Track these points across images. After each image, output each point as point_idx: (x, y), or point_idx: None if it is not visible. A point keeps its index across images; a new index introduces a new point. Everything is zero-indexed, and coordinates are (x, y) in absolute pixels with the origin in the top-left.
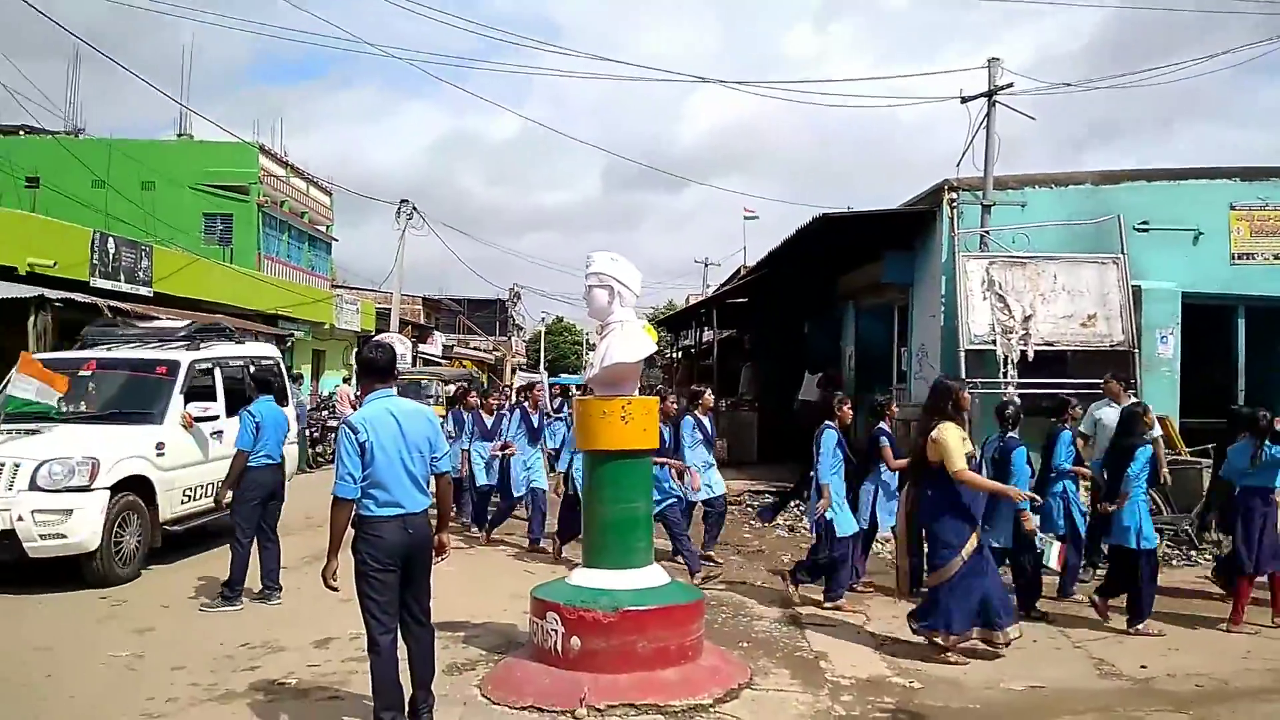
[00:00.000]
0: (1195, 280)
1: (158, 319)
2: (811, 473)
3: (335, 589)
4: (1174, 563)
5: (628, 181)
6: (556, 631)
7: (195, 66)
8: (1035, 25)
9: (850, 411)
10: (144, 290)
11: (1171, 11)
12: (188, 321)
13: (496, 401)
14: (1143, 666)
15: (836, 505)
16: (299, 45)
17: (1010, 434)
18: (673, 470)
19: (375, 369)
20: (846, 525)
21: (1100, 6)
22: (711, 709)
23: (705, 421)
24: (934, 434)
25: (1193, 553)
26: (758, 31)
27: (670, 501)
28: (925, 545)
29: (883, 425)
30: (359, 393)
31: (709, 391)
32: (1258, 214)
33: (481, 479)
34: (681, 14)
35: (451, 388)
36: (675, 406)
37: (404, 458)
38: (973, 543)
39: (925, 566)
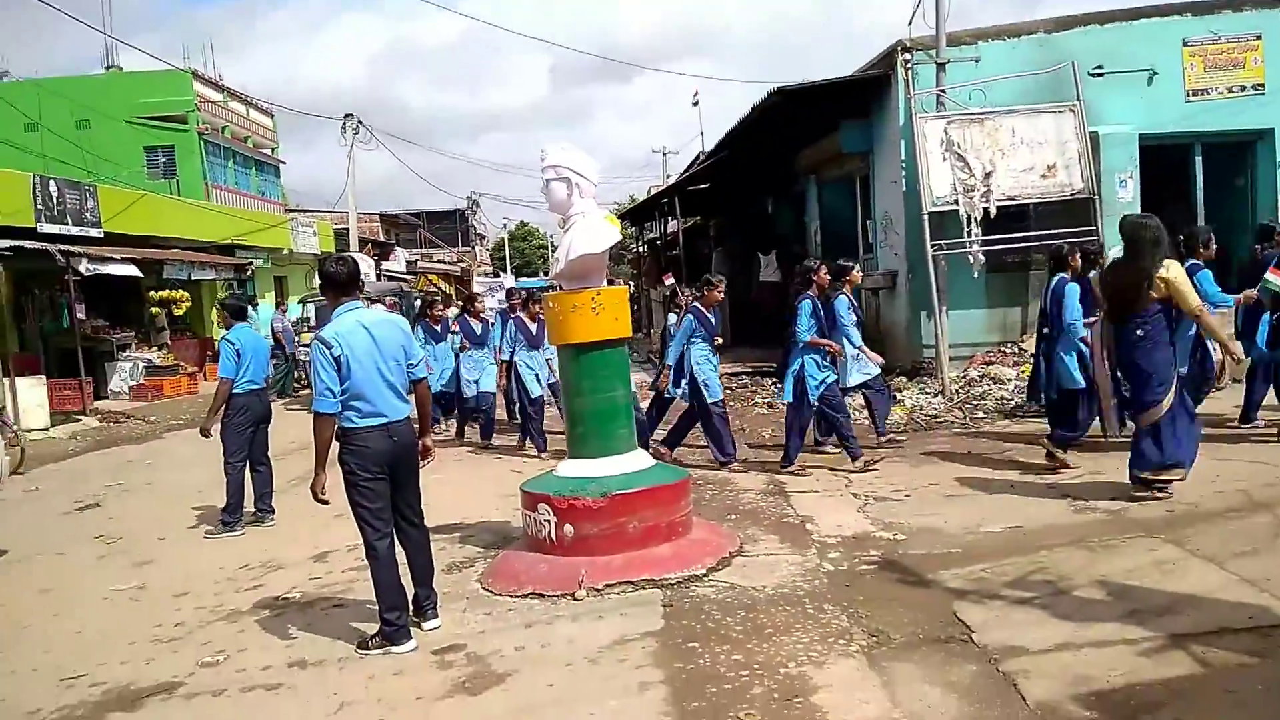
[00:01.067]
0: (1152, 121)
1: None
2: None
3: (326, 502)
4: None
5: (578, 75)
6: (549, 522)
7: None
8: None
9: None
10: (94, 232)
11: None
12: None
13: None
14: (1113, 499)
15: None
16: None
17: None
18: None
19: (338, 282)
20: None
21: None
22: (705, 578)
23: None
24: (1166, 273)
25: None
26: None
27: (829, 383)
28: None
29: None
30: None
31: (857, 269)
32: (1210, 48)
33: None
34: None
35: (380, 307)
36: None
37: (380, 367)
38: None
39: (1129, 406)
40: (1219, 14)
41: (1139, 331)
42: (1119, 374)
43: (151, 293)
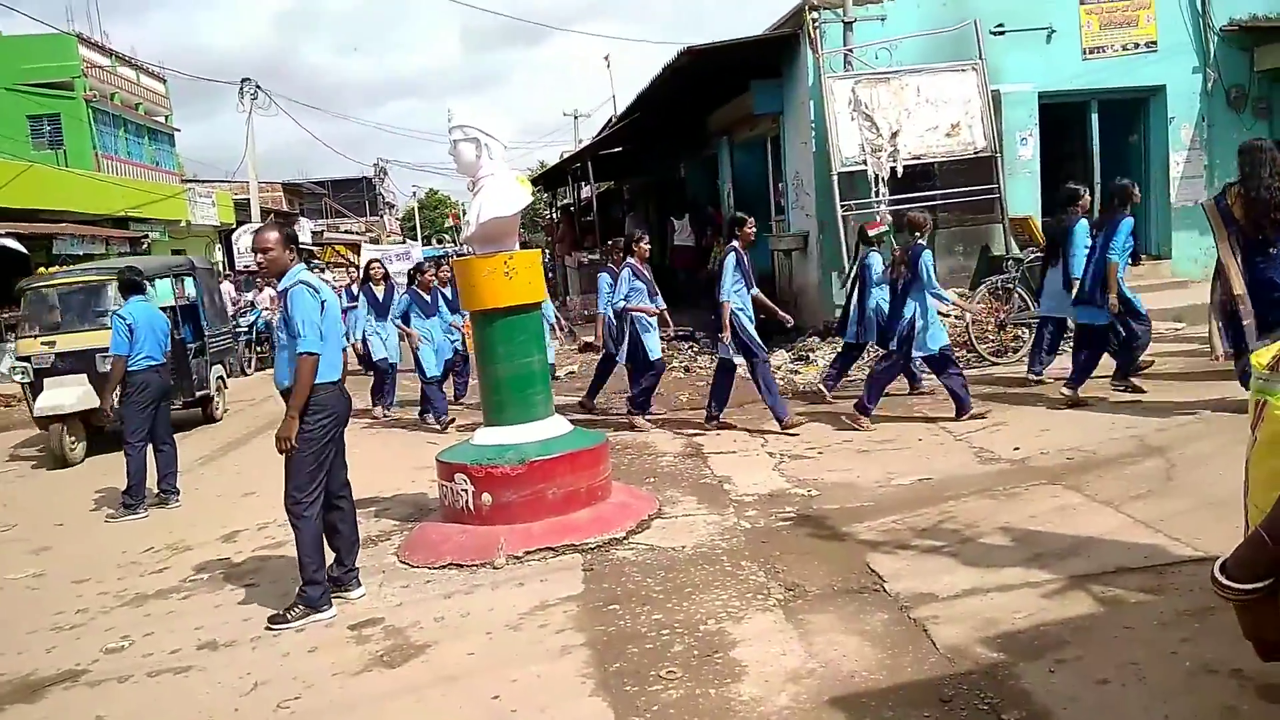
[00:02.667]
0: (1050, 79)
1: None
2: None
3: (295, 448)
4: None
5: (489, 38)
6: (466, 491)
7: None
8: None
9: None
10: None
11: None
12: None
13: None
14: (1016, 449)
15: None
16: None
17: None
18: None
19: (297, 240)
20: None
21: None
22: (625, 540)
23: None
24: None
25: (1059, 344)
26: None
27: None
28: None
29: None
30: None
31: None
32: (1105, 6)
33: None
34: None
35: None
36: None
37: (337, 326)
38: None
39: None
40: None
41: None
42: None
43: (40, 269)
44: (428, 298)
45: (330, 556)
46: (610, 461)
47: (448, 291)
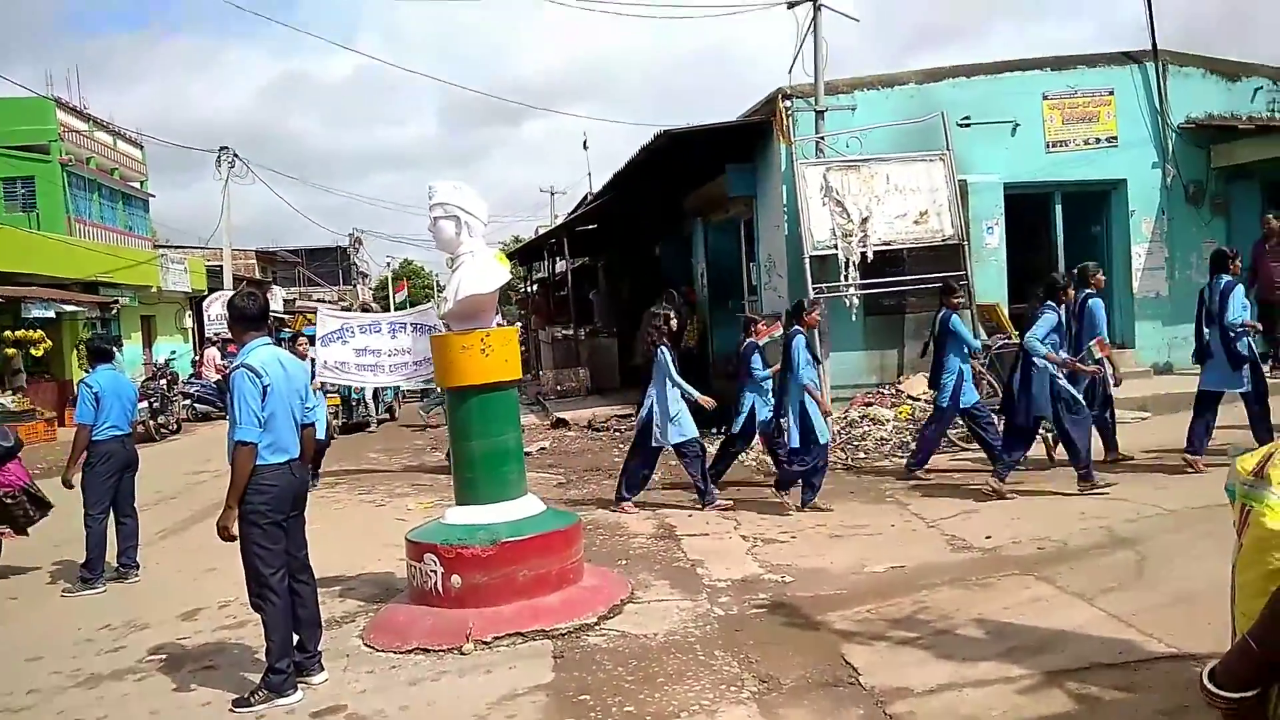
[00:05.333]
0: (1015, 170)
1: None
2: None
3: (235, 538)
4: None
5: (470, 115)
6: (436, 572)
7: None
8: None
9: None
10: None
11: None
12: None
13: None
14: (988, 537)
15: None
16: None
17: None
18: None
19: (248, 317)
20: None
21: None
22: (596, 626)
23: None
24: None
25: None
26: None
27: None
28: None
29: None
30: (230, 352)
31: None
32: (1068, 102)
33: None
34: None
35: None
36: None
37: (289, 405)
38: None
39: None
40: (1076, 69)
41: None
42: None
43: (7, 333)
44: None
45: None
46: (582, 542)
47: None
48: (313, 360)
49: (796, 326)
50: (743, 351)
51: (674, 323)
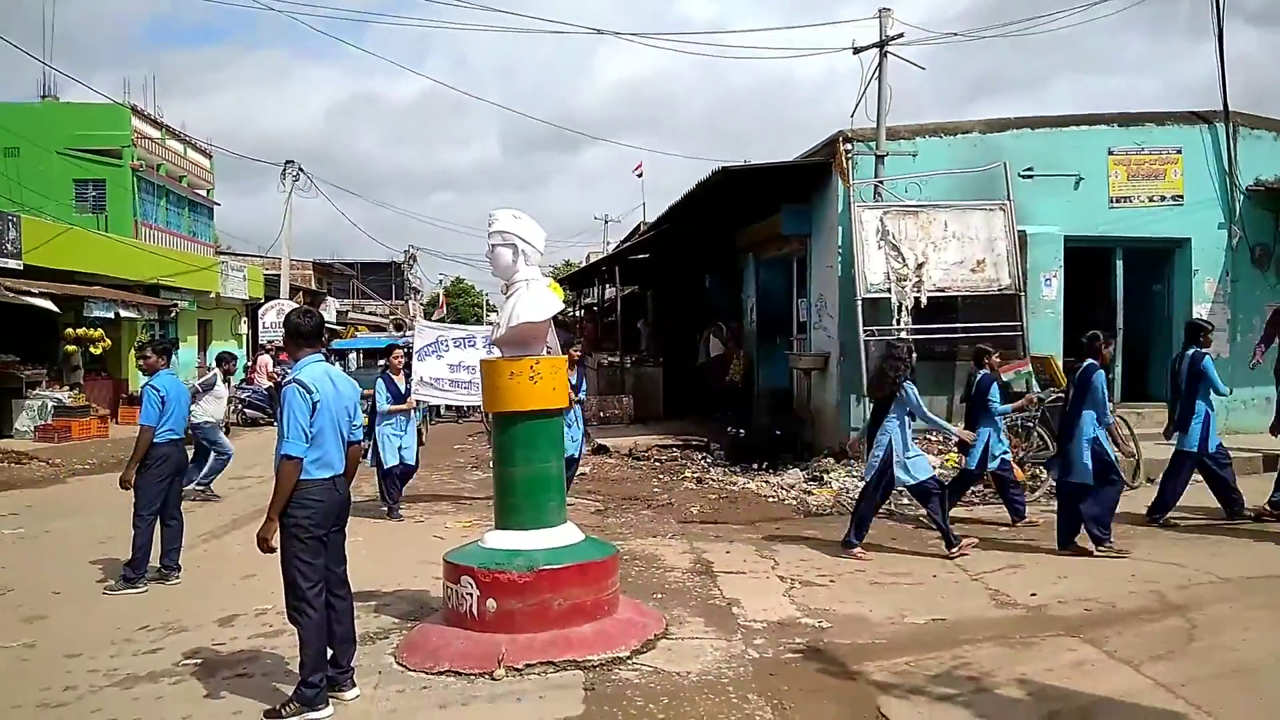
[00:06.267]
0: (1076, 224)
1: None
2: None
3: (274, 550)
4: None
5: (530, 141)
6: (471, 595)
7: (86, 29)
8: None
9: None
10: (13, 264)
11: None
12: None
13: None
14: (1033, 594)
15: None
16: (184, 6)
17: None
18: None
19: (303, 334)
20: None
21: None
22: (629, 660)
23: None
24: None
25: None
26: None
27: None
28: None
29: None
30: (282, 359)
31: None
32: (1134, 158)
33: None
34: None
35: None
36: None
37: (338, 421)
38: None
39: None
40: (1143, 126)
41: None
42: None
43: (68, 330)
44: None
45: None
46: (619, 574)
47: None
48: (407, 375)
49: (1092, 361)
50: (979, 383)
51: (914, 354)
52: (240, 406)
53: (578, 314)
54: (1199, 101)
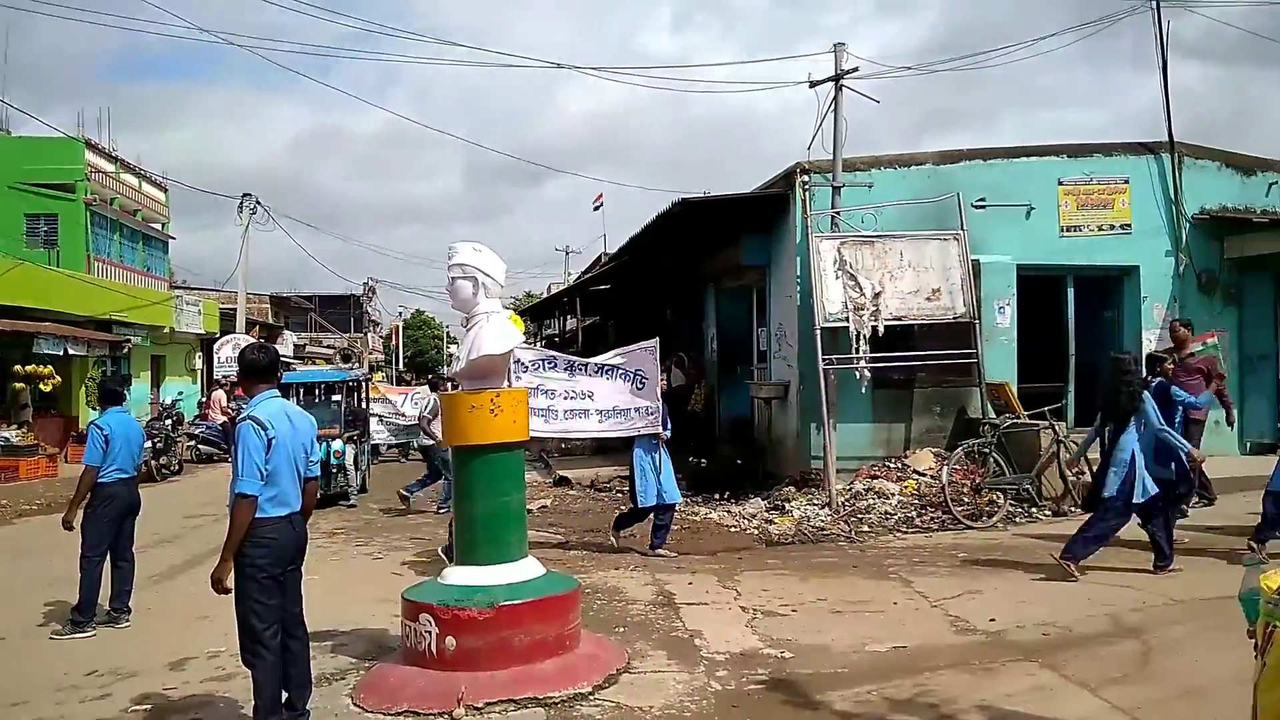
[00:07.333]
0: (1029, 252)
1: None
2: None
3: (229, 590)
4: (1017, 519)
5: (491, 173)
6: (431, 633)
7: (41, 64)
8: (882, 28)
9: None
10: None
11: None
12: None
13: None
14: (992, 620)
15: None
16: (145, 42)
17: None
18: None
19: (258, 370)
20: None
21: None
22: (591, 696)
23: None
24: None
25: (1033, 510)
26: (623, 32)
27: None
28: None
29: (1159, 379)
30: (236, 395)
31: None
32: (1083, 188)
33: None
34: (542, 17)
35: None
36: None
37: (294, 458)
38: None
39: None
40: (1092, 157)
41: None
42: None
43: (16, 367)
44: None
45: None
46: (580, 609)
47: None
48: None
49: (1161, 380)
50: (1156, 390)
51: (1139, 364)
52: (195, 443)
53: (539, 346)
54: (1144, 132)
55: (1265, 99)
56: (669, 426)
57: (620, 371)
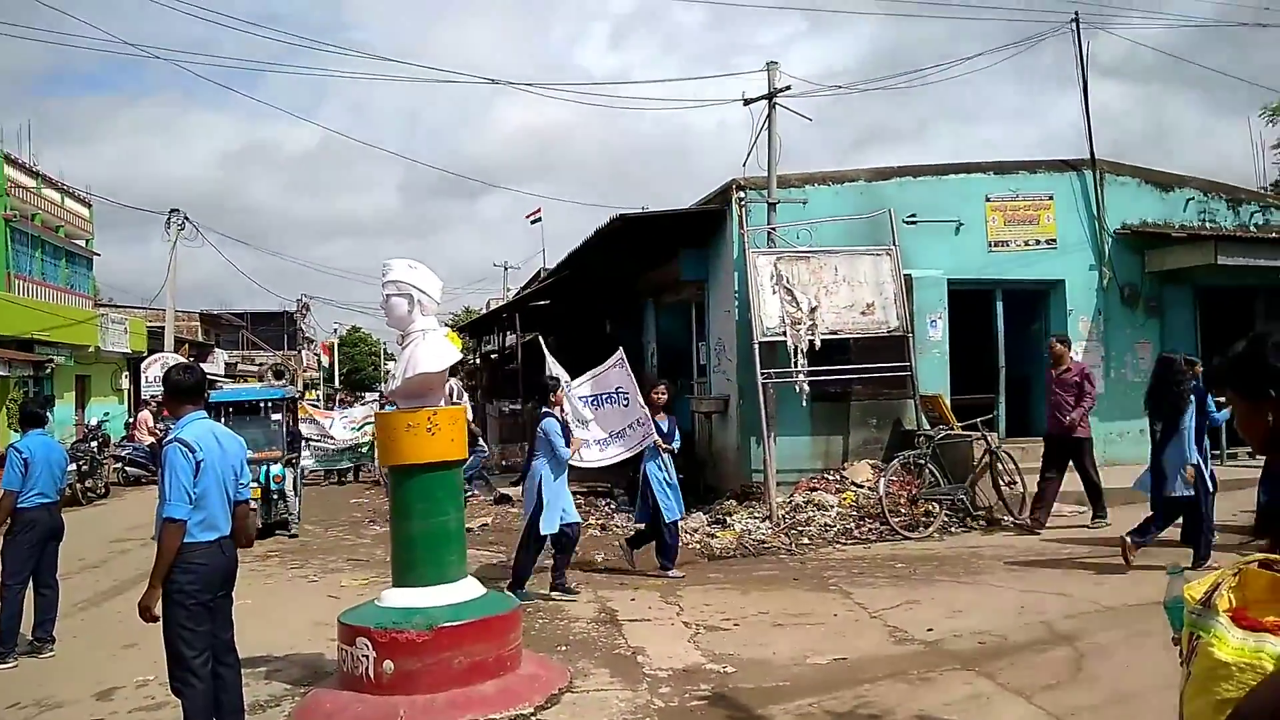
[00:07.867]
0: (959, 267)
1: None
2: None
3: (157, 618)
4: (952, 529)
5: (428, 188)
6: (368, 656)
7: None
8: (815, 47)
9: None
10: None
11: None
12: None
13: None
14: (929, 630)
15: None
16: (69, 55)
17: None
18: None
19: (183, 390)
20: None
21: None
22: (533, 717)
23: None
24: None
25: (968, 519)
26: (560, 49)
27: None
28: None
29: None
30: (164, 415)
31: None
32: (1010, 204)
33: None
34: (480, 27)
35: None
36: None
37: (224, 480)
38: None
39: None
40: (1018, 174)
41: None
42: None
43: None
44: None
45: None
46: (521, 628)
47: None
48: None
49: (1200, 386)
50: (1198, 392)
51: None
52: (121, 465)
53: (476, 362)
54: (1068, 149)
55: (1180, 118)
56: (677, 438)
57: (605, 397)
